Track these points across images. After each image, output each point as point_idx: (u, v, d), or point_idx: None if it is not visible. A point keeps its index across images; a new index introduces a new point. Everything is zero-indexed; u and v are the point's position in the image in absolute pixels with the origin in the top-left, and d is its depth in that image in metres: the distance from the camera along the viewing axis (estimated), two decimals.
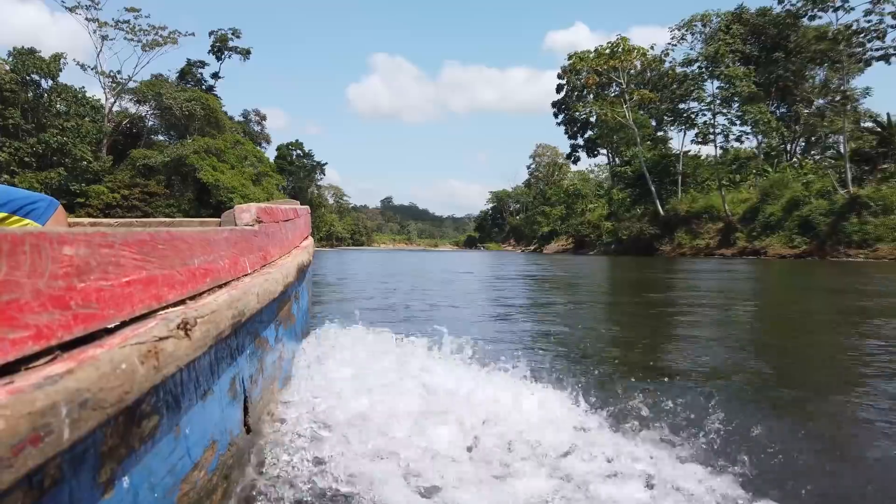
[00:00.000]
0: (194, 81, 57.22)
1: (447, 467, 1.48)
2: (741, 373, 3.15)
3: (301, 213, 2.42)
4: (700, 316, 5.79)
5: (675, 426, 1.91)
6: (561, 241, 51.31)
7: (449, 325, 2.72)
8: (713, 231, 32.27)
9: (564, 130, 56.97)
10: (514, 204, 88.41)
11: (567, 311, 6.46)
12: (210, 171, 46.09)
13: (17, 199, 1.36)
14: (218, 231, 1.11)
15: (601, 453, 1.64)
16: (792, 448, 1.87)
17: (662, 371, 3.09)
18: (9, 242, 0.50)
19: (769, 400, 2.59)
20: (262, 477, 1.31)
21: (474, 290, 9.51)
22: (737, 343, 4.23)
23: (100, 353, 0.56)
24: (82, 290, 0.59)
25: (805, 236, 25.66)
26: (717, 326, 5.13)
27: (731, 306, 6.71)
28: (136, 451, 0.69)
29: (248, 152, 51.41)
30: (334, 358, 2.19)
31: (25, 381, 0.47)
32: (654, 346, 4.05)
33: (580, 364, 3.22)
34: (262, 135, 63.53)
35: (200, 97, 50.09)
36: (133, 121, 49.40)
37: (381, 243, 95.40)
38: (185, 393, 0.84)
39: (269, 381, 1.51)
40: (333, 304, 6.90)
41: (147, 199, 43.07)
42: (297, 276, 1.81)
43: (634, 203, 38.71)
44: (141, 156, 45.48)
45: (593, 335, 4.53)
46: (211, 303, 0.89)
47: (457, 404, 1.81)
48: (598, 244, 41.65)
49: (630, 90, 36.80)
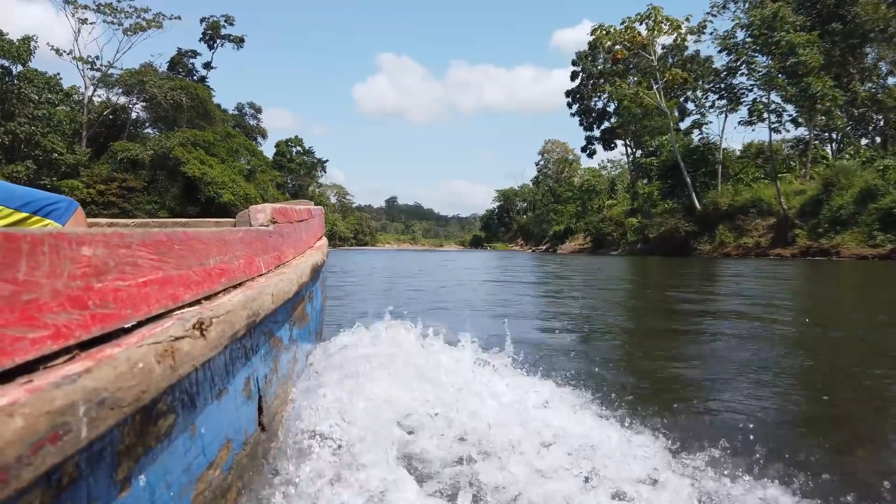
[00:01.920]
0: (185, 72, 52.74)
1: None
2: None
3: (315, 214, 2.36)
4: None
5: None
6: (577, 240, 46.42)
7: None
8: (762, 227, 27.41)
9: (579, 121, 52.21)
10: (521, 203, 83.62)
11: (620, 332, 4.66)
12: (197, 165, 41.52)
13: (38, 200, 1.32)
14: (233, 231, 1.08)
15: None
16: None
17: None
18: (28, 243, 0.50)
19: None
20: (277, 476, 1.27)
21: (507, 299, 7.21)
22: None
23: (117, 352, 0.56)
24: (100, 290, 0.59)
25: (889, 233, 20.73)
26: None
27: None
28: (153, 449, 0.68)
29: (240, 145, 46.78)
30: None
31: (44, 381, 0.47)
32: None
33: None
34: (258, 129, 58.89)
35: (189, 86, 45.53)
36: (116, 111, 44.85)
37: (386, 243, 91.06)
38: (201, 392, 0.83)
39: (284, 380, 1.48)
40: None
41: (125, 195, 38.54)
42: (312, 276, 1.75)
43: (665, 197, 33.83)
44: (122, 149, 40.96)
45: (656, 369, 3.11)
46: (226, 303, 0.88)
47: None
48: (621, 243, 36.79)
49: (662, 68, 31.88)
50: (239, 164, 45.69)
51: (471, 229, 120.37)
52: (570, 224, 50.05)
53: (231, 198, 42.31)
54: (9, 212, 1.26)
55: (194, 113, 46.50)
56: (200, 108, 46.36)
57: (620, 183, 51.41)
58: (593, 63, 48.57)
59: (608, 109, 50.55)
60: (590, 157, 53.14)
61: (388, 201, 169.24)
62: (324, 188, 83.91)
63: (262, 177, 49.05)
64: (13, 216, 1.26)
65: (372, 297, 7.20)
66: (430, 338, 2.42)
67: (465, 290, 8.54)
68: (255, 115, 58.41)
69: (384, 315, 2.69)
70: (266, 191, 49.74)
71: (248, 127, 57.45)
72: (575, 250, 45.18)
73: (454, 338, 2.46)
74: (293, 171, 74.03)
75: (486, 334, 2.83)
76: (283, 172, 71.89)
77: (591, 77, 49.20)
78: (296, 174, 74.55)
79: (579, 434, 1.70)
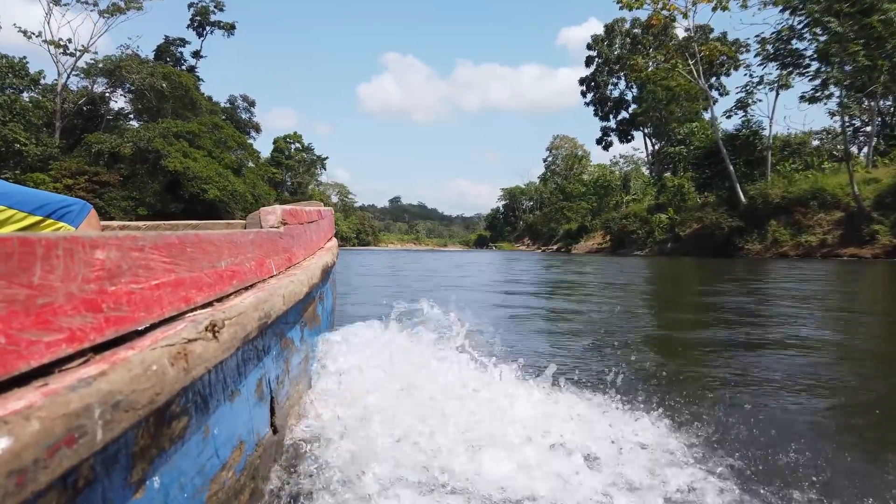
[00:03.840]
0: (173, 60, 48.35)
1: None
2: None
3: (325, 215, 2.30)
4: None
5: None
6: (595, 238, 41.70)
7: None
8: (827, 223, 22.71)
9: (594, 111, 47.50)
10: (527, 202, 78.98)
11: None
12: (179, 158, 37.05)
13: (51, 203, 1.30)
14: (244, 233, 1.07)
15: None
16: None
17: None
18: (43, 247, 0.49)
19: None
20: (290, 477, 1.26)
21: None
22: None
23: (131, 354, 0.56)
24: (113, 293, 0.58)
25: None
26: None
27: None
28: (167, 451, 0.68)
29: (228, 137, 42.25)
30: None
31: (60, 383, 0.47)
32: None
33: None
34: (251, 123, 54.39)
35: (171, 72, 41.11)
36: (95, 101, 40.46)
37: (389, 243, 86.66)
38: (213, 394, 0.82)
39: (295, 381, 1.46)
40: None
41: (96, 190, 34.08)
42: (322, 277, 1.70)
43: (702, 189, 29.08)
44: (97, 140, 36.56)
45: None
46: (238, 304, 0.86)
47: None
48: (647, 242, 32.07)
49: (702, 39, 27.14)
50: (228, 157, 41.16)
51: (475, 229, 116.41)
52: (584, 222, 45.31)
53: (217, 194, 37.88)
54: (22, 215, 1.23)
55: (179, 103, 42.10)
56: (186, 97, 41.95)
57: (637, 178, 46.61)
58: (609, 47, 43.84)
59: (626, 98, 45.83)
60: (605, 149, 48.43)
61: (391, 201, 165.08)
62: (325, 187, 79.61)
63: (251, 172, 44.59)
64: (27, 220, 1.24)
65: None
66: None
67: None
68: (249, 108, 53.85)
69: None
70: (256, 186, 45.29)
71: (241, 121, 52.95)
72: (591, 250, 40.47)
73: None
74: (292, 169, 69.77)
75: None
76: (281, 170, 67.82)
77: (607, 63, 44.47)
78: (295, 172, 70.25)
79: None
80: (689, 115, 34.45)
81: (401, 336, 2.09)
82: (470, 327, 2.16)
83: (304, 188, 70.17)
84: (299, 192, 68.85)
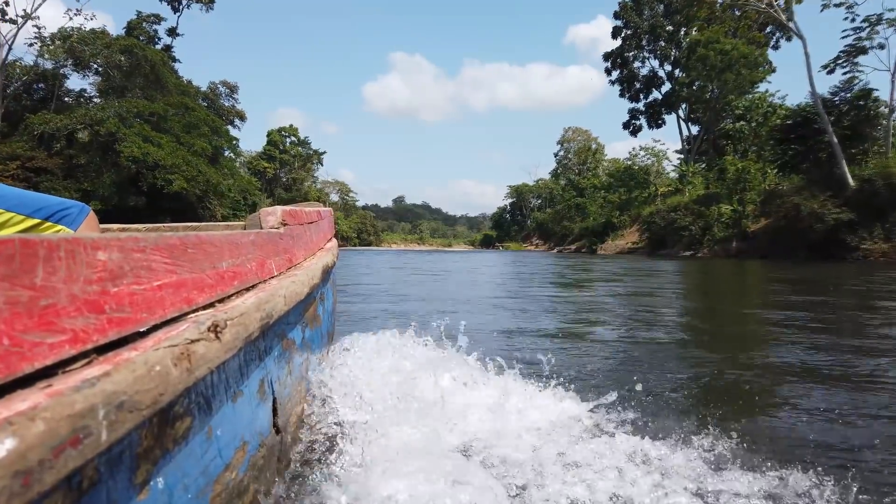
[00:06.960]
0: (147, 38, 41.45)
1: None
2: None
3: (325, 216, 2.23)
4: None
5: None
6: (626, 236, 34.51)
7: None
8: None
9: (620, 92, 40.24)
10: (535, 199, 71.81)
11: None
12: (137, 143, 30.06)
13: (50, 206, 1.28)
14: (244, 234, 1.05)
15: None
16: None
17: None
18: (45, 248, 0.49)
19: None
20: (292, 477, 1.23)
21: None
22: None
23: (134, 355, 0.55)
24: (116, 295, 0.58)
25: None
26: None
27: None
28: (170, 452, 0.67)
29: (200, 120, 35.26)
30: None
31: (64, 384, 0.46)
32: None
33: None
34: (235, 111, 47.36)
35: (132, 44, 34.21)
36: (46, 78, 33.60)
37: (392, 243, 79.77)
38: (216, 394, 0.81)
39: (297, 381, 1.43)
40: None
41: (30, 178, 27.15)
42: (323, 277, 1.67)
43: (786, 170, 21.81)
44: (41, 122, 29.67)
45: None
46: (239, 305, 0.85)
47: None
48: (704, 241, 24.85)
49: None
50: (199, 144, 34.14)
51: (480, 229, 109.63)
52: (611, 217, 38.07)
53: (184, 185, 30.85)
54: (21, 218, 1.22)
55: (146, 82, 35.27)
56: (151, 75, 35.07)
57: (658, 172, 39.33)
58: (640, 15, 36.55)
59: (658, 75, 38.54)
60: (633, 134, 41.18)
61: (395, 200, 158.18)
62: (324, 184, 72.70)
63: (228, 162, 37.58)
64: (25, 222, 1.22)
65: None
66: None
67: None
68: (230, 94, 46.82)
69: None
70: (235, 177, 38.30)
71: (223, 108, 45.95)
72: (623, 250, 33.27)
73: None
74: (287, 164, 62.91)
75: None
76: (274, 164, 61.04)
77: (636, 34, 37.21)
78: (290, 166, 63.39)
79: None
80: (747, 83, 27.20)
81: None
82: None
83: (299, 184, 63.40)
84: (294, 189, 62.14)
